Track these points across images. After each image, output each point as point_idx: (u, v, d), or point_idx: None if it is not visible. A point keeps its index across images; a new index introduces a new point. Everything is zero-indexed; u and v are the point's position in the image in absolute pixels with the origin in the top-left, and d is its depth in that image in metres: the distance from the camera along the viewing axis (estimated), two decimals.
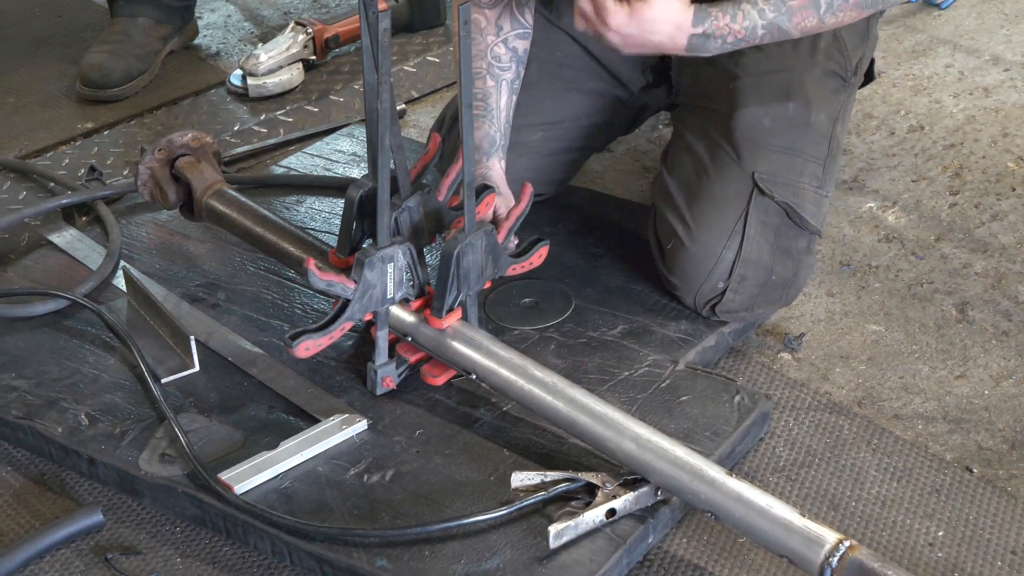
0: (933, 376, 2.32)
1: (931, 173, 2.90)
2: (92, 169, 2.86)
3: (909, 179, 2.88)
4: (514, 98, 2.44)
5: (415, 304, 2.16)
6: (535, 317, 2.35)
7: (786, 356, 2.37)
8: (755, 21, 2.20)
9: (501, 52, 2.42)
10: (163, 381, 2.23)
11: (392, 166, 2.10)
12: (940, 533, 1.99)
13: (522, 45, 2.45)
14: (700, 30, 2.20)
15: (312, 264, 2.03)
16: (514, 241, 2.26)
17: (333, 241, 2.23)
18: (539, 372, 2.05)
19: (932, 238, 2.68)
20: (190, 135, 2.44)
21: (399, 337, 2.19)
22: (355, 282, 2.07)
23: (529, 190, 2.21)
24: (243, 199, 2.37)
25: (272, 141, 3.09)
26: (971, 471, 2.11)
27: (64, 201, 2.73)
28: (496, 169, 2.36)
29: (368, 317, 2.14)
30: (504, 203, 2.30)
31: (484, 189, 2.20)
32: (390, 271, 2.10)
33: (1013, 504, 2.05)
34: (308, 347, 2.06)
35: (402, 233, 2.16)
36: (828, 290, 2.54)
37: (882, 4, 2.24)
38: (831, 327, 2.44)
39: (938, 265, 2.60)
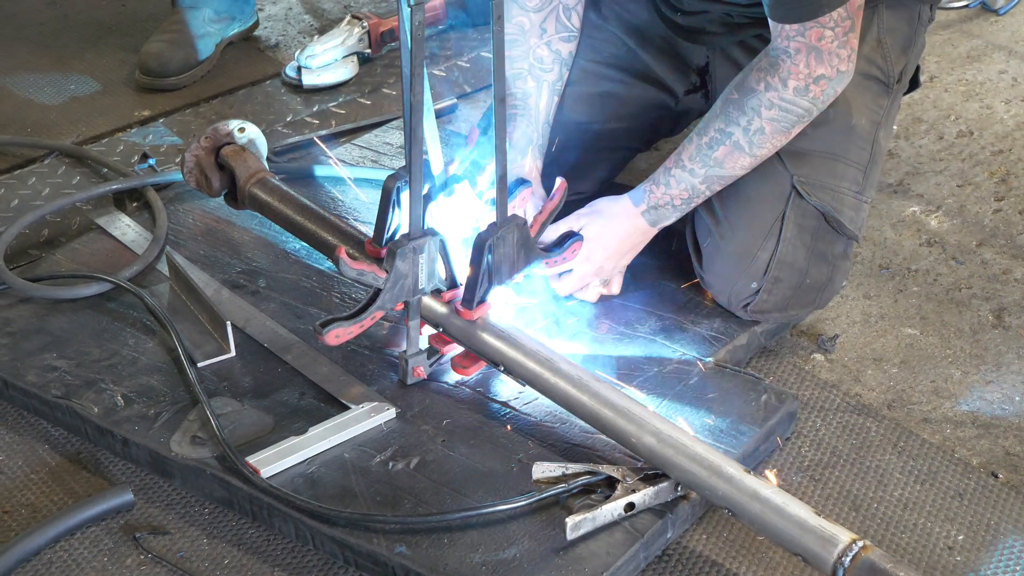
0: (965, 381, 2.31)
1: (977, 179, 2.88)
2: (144, 156, 2.91)
3: (955, 184, 2.87)
4: (556, 99, 2.45)
5: (446, 295, 2.18)
6: None
7: (819, 357, 2.37)
8: (690, 181, 2.29)
9: (544, 54, 2.44)
10: (199, 365, 2.26)
11: (427, 158, 2.12)
12: (960, 537, 1.99)
13: (567, 48, 2.47)
14: (644, 206, 2.31)
15: (343, 252, 2.06)
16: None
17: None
18: (565, 366, 2.07)
19: (974, 243, 2.66)
20: (236, 124, 2.48)
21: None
22: (387, 272, 2.10)
23: (563, 185, 2.22)
24: (285, 188, 2.40)
25: (323, 132, 3.12)
26: (996, 476, 2.11)
27: (115, 187, 2.78)
28: (529, 167, 2.38)
29: (400, 307, 2.16)
30: (537, 202, 2.32)
31: (520, 183, 2.21)
32: (422, 262, 2.12)
33: None
34: (338, 335, 2.08)
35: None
36: (865, 292, 2.53)
37: (808, 118, 2.24)
38: (866, 329, 2.44)
39: (978, 270, 2.58)
